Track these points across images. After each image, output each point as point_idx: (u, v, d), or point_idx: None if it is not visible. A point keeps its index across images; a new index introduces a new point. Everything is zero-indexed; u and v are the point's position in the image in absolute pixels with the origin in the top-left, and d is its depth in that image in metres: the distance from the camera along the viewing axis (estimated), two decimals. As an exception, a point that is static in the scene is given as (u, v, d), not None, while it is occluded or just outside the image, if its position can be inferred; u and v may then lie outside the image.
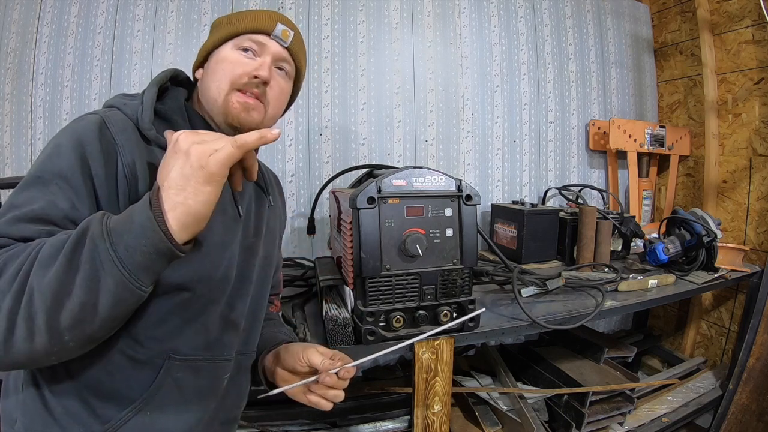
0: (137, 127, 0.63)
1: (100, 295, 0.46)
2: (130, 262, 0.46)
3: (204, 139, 0.50)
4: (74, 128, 0.59)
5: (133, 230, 0.47)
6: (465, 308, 0.96)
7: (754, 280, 1.57)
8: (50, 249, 0.47)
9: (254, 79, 0.69)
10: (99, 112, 0.63)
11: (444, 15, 1.82)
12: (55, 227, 0.53)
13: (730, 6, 1.84)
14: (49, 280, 0.45)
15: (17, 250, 0.48)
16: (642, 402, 1.55)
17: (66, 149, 0.56)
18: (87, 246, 0.46)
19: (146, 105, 0.65)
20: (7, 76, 1.38)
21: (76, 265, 0.46)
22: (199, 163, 0.48)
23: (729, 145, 1.91)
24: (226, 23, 0.74)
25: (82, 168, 0.56)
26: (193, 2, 1.53)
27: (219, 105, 0.69)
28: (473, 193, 0.93)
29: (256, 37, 0.72)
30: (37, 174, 0.56)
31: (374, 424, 1.30)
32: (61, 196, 0.54)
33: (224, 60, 0.70)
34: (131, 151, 0.60)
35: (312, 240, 1.63)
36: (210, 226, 0.65)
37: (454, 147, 1.85)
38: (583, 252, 1.51)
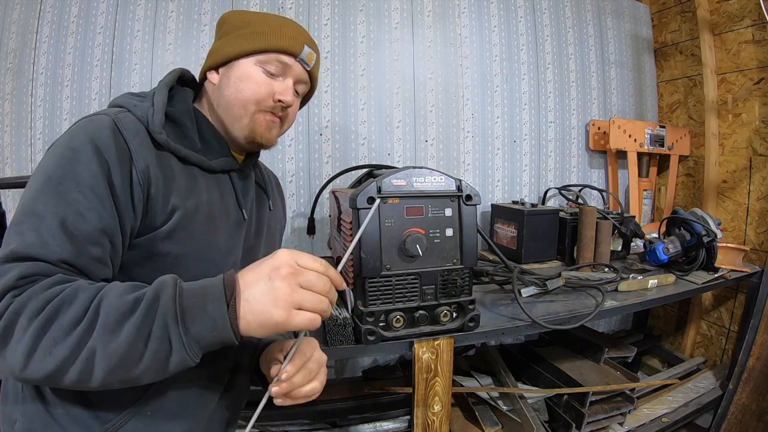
0: (147, 131, 0.62)
1: (163, 367, 0.49)
2: (196, 346, 0.50)
3: (303, 276, 0.52)
4: (88, 131, 0.57)
5: (206, 322, 0.49)
6: (465, 308, 0.96)
7: (754, 280, 1.57)
8: (116, 314, 0.47)
9: (278, 103, 0.71)
10: (110, 113, 0.61)
11: (444, 15, 1.82)
12: (85, 246, 0.53)
13: (730, 6, 1.84)
14: (117, 347, 0.46)
15: (68, 293, 0.47)
16: (642, 402, 1.55)
17: (85, 155, 0.55)
18: (158, 323, 0.48)
19: (157, 108, 0.64)
20: (7, 76, 1.38)
21: (146, 337, 0.47)
22: (285, 316, 0.50)
23: (729, 145, 1.91)
24: (249, 32, 0.71)
25: (104, 176, 0.55)
26: (193, 2, 1.53)
27: (244, 124, 0.71)
28: (473, 193, 0.93)
29: (283, 58, 0.72)
30: (56, 180, 0.53)
31: (374, 424, 1.30)
32: (87, 206, 0.53)
33: (250, 79, 0.70)
34: (144, 157, 0.59)
35: (312, 240, 1.63)
36: (216, 231, 0.66)
37: (454, 147, 1.85)
38: (583, 252, 1.51)
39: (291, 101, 0.72)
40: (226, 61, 0.72)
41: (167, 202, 0.60)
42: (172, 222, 0.60)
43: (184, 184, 0.64)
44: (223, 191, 0.71)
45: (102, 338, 0.46)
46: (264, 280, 0.51)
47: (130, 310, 0.48)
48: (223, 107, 0.71)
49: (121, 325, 0.47)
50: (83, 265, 0.53)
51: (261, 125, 0.72)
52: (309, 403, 1.37)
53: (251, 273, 0.52)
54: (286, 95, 0.71)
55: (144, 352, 0.47)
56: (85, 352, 0.46)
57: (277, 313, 0.50)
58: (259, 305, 0.50)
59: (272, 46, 0.70)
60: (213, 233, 0.66)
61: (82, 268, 0.53)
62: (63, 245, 0.51)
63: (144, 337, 0.47)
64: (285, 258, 0.52)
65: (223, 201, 0.70)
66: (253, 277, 0.52)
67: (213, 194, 0.68)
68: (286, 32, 0.72)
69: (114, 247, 0.56)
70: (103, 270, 0.55)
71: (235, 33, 0.72)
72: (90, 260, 0.53)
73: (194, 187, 0.65)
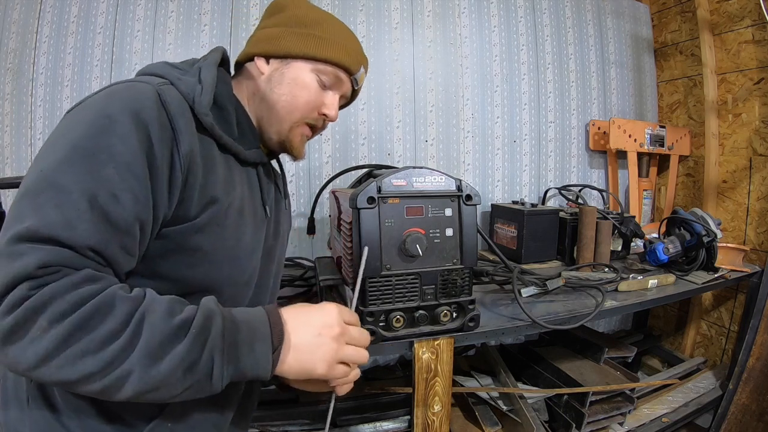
0: (192, 110, 0.56)
1: (194, 394, 0.47)
2: (230, 378, 0.49)
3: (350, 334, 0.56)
4: (127, 99, 0.50)
5: (250, 362, 0.49)
6: (465, 308, 0.96)
7: (754, 280, 1.57)
8: (160, 337, 0.43)
9: (322, 116, 0.70)
10: (151, 82, 0.54)
11: (444, 15, 1.82)
12: (116, 233, 0.46)
13: (730, 6, 1.84)
14: (157, 374, 0.43)
15: (103, 301, 0.42)
16: (642, 402, 1.55)
17: (124, 127, 0.47)
18: (205, 356, 0.46)
19: (207, 87, 0.58)
20: (7, 76, 1.38)
21: (188, 368, 0.45)
22: (327, 370, 0.54)
23: (729, 145, 1.91)
24: (316, 36, 0.67)
25: (144, 154, 0.48)
26: (193, 2, 1.52)
27: (284, 129, 0.69)
28: (473, 193, 0.93)
29: (341, 73, 0.70)
30: (86, 151, 0.45)
31: (374, 424, 1.30)
32: (122, 186, 0.46)
33: (305, 86, 0.67)
34: (188, 140, 0.52)
35: (312, 240, 1.63)
36: (245, 229, 0.64)
37: (454, 147, 1.85)
38: (583, 252, 1.51)
39: (335, 117, 0.71)
40: (284, 56, 0.67)
41: (205, 192, 0.55)
42: (207, 215, 0.55)
43: (223, 174, 0.59)
44: (251, 185, 0.68)
45: (142, 362, 0.42)
46: (314, 334, 0.53)
47: (176, 335, 0.44)
48: (267, 102, 0.67)
49: (165, 351, 0.43)
50: (110, 255, 0.46)
51: (297, 137, 0.70)
52: (309, 403, 1.37)
53: (299, 321, 0.53)
54: (332, 110, 0.70)
55: (183, 382, 0.45)
56: (118, 372, 0.41)
57: (321, 367, 0.53)
58: (305, 355, 0.52)
59: (336, 59, 0.68)
60: (242, 230, 0.62)
61: (109, 258, 0.46)
62: (92, 230, 0.44)
63: (187, 367, 0.44)
64: (335, 316, 0.55)
65: (251, 196, 0.67)
66: (302, 327, 0.53)
67: (244, 188, 0.65)
68: (351, 48, 0.70)
69: (144, 236, 0.50)
70: (129, 261, 0.49)
71: (300, 29, 0.68)
72: (119, 250, 0.47)
73: (232, 179, 0.61)
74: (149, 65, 0.61)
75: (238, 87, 0.70)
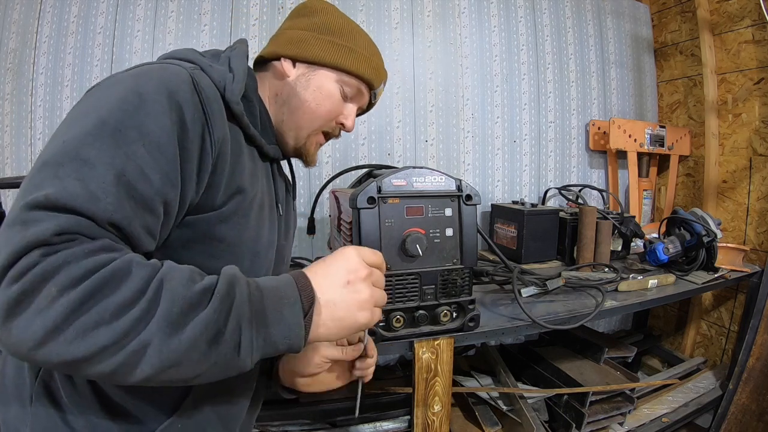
0: (223, 98, 0.55)
1: (220, 372, 0.43)
2: (261, 353, 0.44)
3: (374, 275, 0.53)
4: (162, 79, 0.48)
5: (281, 329, 0.45)
6: (465, 308, 0.96)
7: (754, 280, 1.57)
8: (182, 303, 0.39)
9: (339, 125, 0.72)
10: (183, 65, 0.53)
11: (444, 15, 1.82)
12: (141, 211, 0.44)
13: (730, 6, 1.84)
14: (179, 344, 0.38)
15: (120, 266, 0.38)
16: (642, 402, 1.55)
17: (158, 105, 0.45)
18: (231, 324, 0.41)
19: (239, 76, 0.58)
20: (7, 76, 1.38)
21: (212, 338, 0.40)
22: (370, 317, 0.52)
23: (729, 145, 1.91)
24: (345, 46, 0.68)
25: (176, 135, 0.46)
26: (193, 2, 1.53)
27: (302, 135, 0.70)
28: (473, 193, 0.93)
29: (362, 87, 0.71)
30: (114, 126, 0.43)
31: (374, 424, 1.30)
32: (151, 164, 0.44)
33: (330, 96, 0.68)
34: (220, 127, 0.52)
35: (312, 240, 1.63)
36: (264, 223, 0.63)
37: (454, 147, 1.85)
38: (583, 252, 1.51)
39: (351, 128, 0.72)
40: (312, 62, 0.68)
41: (233, 181, 0.54)
42: (233, 204, 0.54)
43: (250, 165, 0.59)
44: (269, 181, 0.68)
45: (161, 331, 0.38)
46: (343, 285, 0.49)
47: (198, 302, 0.40)
48: (290, 106, 0.68)
49: (187, 318, 0.39)
50: (132, 232, 0.43)
51: (312, 145, 0.72)
52: (309, 403, 1.37)
53: (323, 275, 0.50)
54: (349, 121, 0.72)
55: (207, 356, 0.40)
56: (134, 343, 0.37)
57: (363, 316, 0.50)
58: (342, 311, 0.49)
59: (362, 73, 0.69)
60: (262, 225, 0.62)
61: (129, 235, 0.43)
62: (116, 204, 0.41)
63: (212, 337, 0.40)
64: (357, 258, 0.51)
65: (270, 191, 0.67)
66: (328, 281, 0.49)
67: (264, 182, 0.65)
68: (376, 63, 0.72)
69: (168, 218, 0.48)
70: (149, 242, 0.46)
71: (330, 36, 0.68)
72: (141, 228, 0.44)
73: (256, 170, 0.61)
74: (176, 50, 0.60)
75: (260, 84, 0.70)
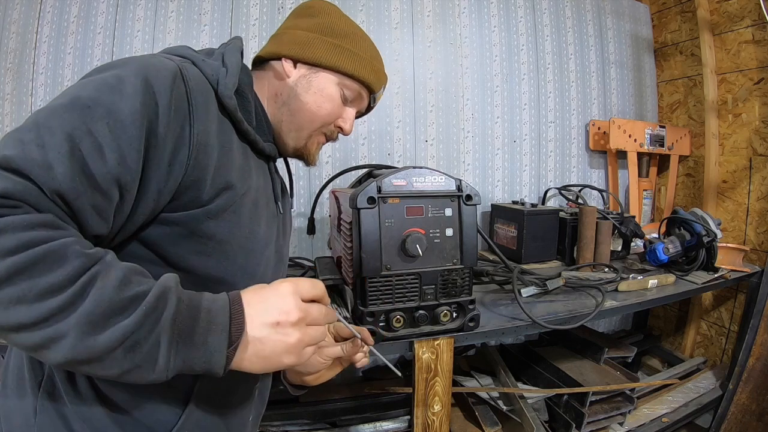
0: (215, 92, 0.55)
1: (133, 377, 0.42)
2: (177, 369, 0.43)
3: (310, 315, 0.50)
4: (143, 65, 0.48)
5: (202, 354, 0.43)
6: (465, 308, 0.96)
7: (754, 280, 1.57)
8: (106, 306, 0.39)
9: (338, 128, 0.73)
10: (174, 59, 0.53)
11: (444, 15, 1.82)
12: (91, 189, 0.43)
13: (730, 6, 1.84)
14: (93, 344, 0.38)
15: (55, 249, 0.38)
16: (642, 402, 1.55)
17: (131, 88, 0.45)
18: (151, 338, 0.41)
19: (232, 70, 0.57)
20: (7, 76, 1.38)
21: (130, 347, 0.40)
22: (296, 359, 0.49)
23: (729, 145, 1.91)
24: (347, 49, 0.68)
25: (146, 119, 0.46)
26: (193, 2, 1.52)
27: (303, 136, 0.70)
28: (473, 193, 0.93)
29: (363, 90, 0.72)
30: (85, 102, 0.43)
31: (374, 424, 1.30)
32: (110, 143, 0.43)
33: (331, 99, 0.69)
34: (205, 119, 0.51)
35: (312, 240, 1.63)
36: (260, 221, 0.62)
37: (454, 147, 1.85)
38: (583, 252, 1.51)
39: (350, 131, 0.73)
40: (313, 64, 0.68)
41: (219, 176, 0.53)
42: (222, 200, 0.53)
43: (240, 160, 0.58)
44: (266, 178, 0.68)
45: (79, 328, 0.38)
46: (272, 324, 0.47)
47: (124, 308, 0.40)
48: (290, 107, 0.68)
49: (107, 322, 0.39)
50: (78, 208, 0.42)
51: (313, 145, 0.72)
52: (309, 402, 1.37)
53: (257, 311, 0.47)
54: (348, 124, 0.72)
55: (122, 362, 0.40)
56: (50, 331, 0.37)
57: (288, 359, 0.48)
58: (267, 351, 0.47)
59: (363, 77, 0.70)
60: (256, 222, 0.61)
61: (76, 210, 0.42)
62: (66, 175, 0.40)
63: (129, 346, 0.40)
64: (291, 299, 0.48)
65: (266, 189, 0.67)
66: (259, 319, 0.47)
67: (259, 179, 0.64)
68: (378, 67, 0.72)
69: (123, 202, 0.46)
70: (98, 224, 0.45)
71: (332, 38, 0.68)
72: (89, 207, 0.43)
73: (248, 167, 0.60)
74: (170, 47, 0.60)
75: (259, 82, 0.69)
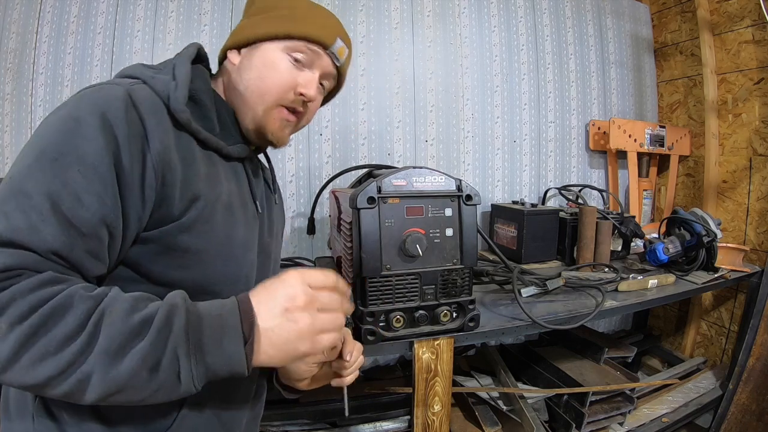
0: (167, 107, 0.55)
1: (166, 396, 0.45)
2: (204, 378, 0.46)
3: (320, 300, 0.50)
4: (95, 101, 0.49)
5: (221, 358, 0.45)
6: (465, 308, 0.96)
7: (754, 280, 1.57)
8: (120, 337, 0.41)
9: (299, 96, 0.66)
10: (122, 83, 0.54)
11: (444, 15, 1.82)
12: (81, 237, 0.45)
13: (730, 6, 1.84)
14: (118, 375, 0.41)
15: (62, 301, 0.41)
16: (642, 402, 1.55)
17: (90, 128, 0.46)
18: (168, 354, 0.43)
19: (181, 83, 0.57)
20: (7, 76, 1.37)
21: (152, 367, 0.42)
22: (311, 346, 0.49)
23: (729, 145, 1.91)
24: (282, 15, 0.65)
25: (111, 154, 0.47)
26: (193, 2, 1.52)
27: (258, 115, 0.65)
28: (473, 193, 0.93)
29: (314, 47, 0.66)
30: (52, 155, 0.45)
31: (374, 424, 1.30)
32: (87, 188, 0.45)
33: (273, 66, 0.64)
34: (161, 138, 0.51)
35: (312, 240, 1.63)
36: (236, 225, 0.62)
37: (454, 147, 1.85)
38: (583, 252, 1.51)
39: (314, 96, 0.66)
40: (250, 43, 0.66)
41: (187, 189, 0.54)
42: (193, 212, 0.54)
43: (205, 170, 0.58)
44: (239, 181, 0.66)
45: (101, 363, 0.40)
46: (280, 313, 0.47)
47: (137, 334, 0.42)
48: (239, 91, 0.65)
49: (125, 350, 0.41)
50: (76, 259, 0.45)
51: (275, 122, 0.66)
52: (309, 402, 1.37)
53: (265, 304, 0.48)
54: (310, 89, 0.65)
55: (149, 382, 0.42)
56: (78, 374, 0.40)
57: (303, 346, 0.48)
58: (281, 340, 0.47)
59: (302, 32, 0.64)
60: (233, 227, 0.61)
61: (74, 262, 0.46)
62: (55, 233, 0.43)
63: (150, 366, 0.42)
64: (298, 284, 0.49)
65: (240, 191, 0.66)
66: (267, 309, 0.48)
67: (231, 183, 0.63)
68: (320, 20, 0.67)
69: (113, 240, 0.49)
70: (97, 266, 0.48)
71: (267, 13, 0.67)
72: (84, 254, 0.46)
73: (215, 174, 0.60)
74: (124, 68, 0.61)
75: (216, 84, 0.69)
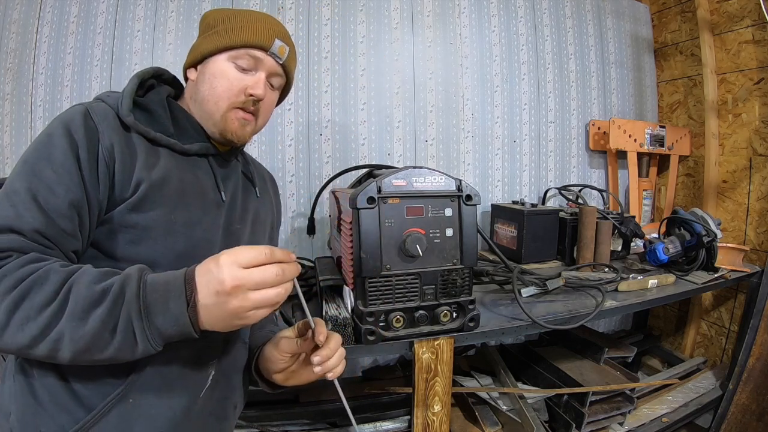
0: (118, 115, 0.67)
1: (129, 354, 0.53)
2: (159, 338, 0.53)
3: (250, 281, 0.52)
4: (62, 118, 0.64)
5: (168, 318, 0.53)
6: (465, 308, 0.96)
7: (754, 280, 1.57)
8: (84, 303, 0.51)
9: (250, 97, 0.74)
10: (85, 103, 0.68)
11: (444, 15, 1.82)
12: (56, 218, 0.57)
13: (730, 6, 1.84)
14: (84, 334, 0.50)
15: (40, 274, 0.52)
16: (642, 402, 1.55)
17: (57, 137, 0.61)
18: (123, 316, 0.52)
19: (125, 94, 0.69)
20: (7, 76, 1.38)
21: (111, 328, 0.51)
22: (246, 321, 0.54)
23: (729, 145, 1.91)
24: (222, 29, 0.74)
25: (73, 153, 0.61)
26: (193, 2, 1.53)
27: (217, 120, 0.74)
28: (473, 193, 0.93)
29: (254, 52, 0.74)
30: (32, 162, 0.60)
31: (374, 424, 1.30)
32: (57, 181, 0.58)
33: (221, 75, 0.73)
34: (110, 137, 0.64)
35: (312, 240, 1.63)
36: (188, 208, 0.70)
37: (454, 147, 1.85)
38: (583, 252, 1.51)
39: (262, 94, 0.74)
40: (202, 59, 0.75)
41: (131, 175, 0.65)
42: (139, 193, 0.64)
43: (146, 159, 0.67)
44: (197, 172, 0.74)
45: (70, 324, 0.50)
46: (213, 294, 0.52)
47: (98, 300, 0.51)
48: (198, 102, 0.75)
49: (88, 314, 0.51)
50: (54, 236, 0.58)
51: (233, 122, 0.74)
52: (309, 402, 1.37)
53: (202, 281, 0.53)
54: (257, 89, 0.73)
55: (110, 341, 0.51)
56: (53, 334, 0.50)
57: (237, 321, 0.54)
58: (215, 316, 0.53)
59: (242, 41, 0.73)
60: (184, 209, 0.69)
61: (53, 239, 0.58)
62: (35, 216, 0.56)
63: (109, 328, 0.51)
64: (226, 267, 0.52)
65: (198, 181, 0.73)
66: (203, 288, 0.53)
67: (185, 173, 0.71)
68: (257, 27, 0.74)
69: (82, 219, 0.61)
70: (73, 242, 0.60)
71: (209, 31, 0.76)
72: (60, 232, 0.58)
73: (157, 162, 0.69)
74: (98, 95, 0.72)
75: (183, 100, 0.80)
